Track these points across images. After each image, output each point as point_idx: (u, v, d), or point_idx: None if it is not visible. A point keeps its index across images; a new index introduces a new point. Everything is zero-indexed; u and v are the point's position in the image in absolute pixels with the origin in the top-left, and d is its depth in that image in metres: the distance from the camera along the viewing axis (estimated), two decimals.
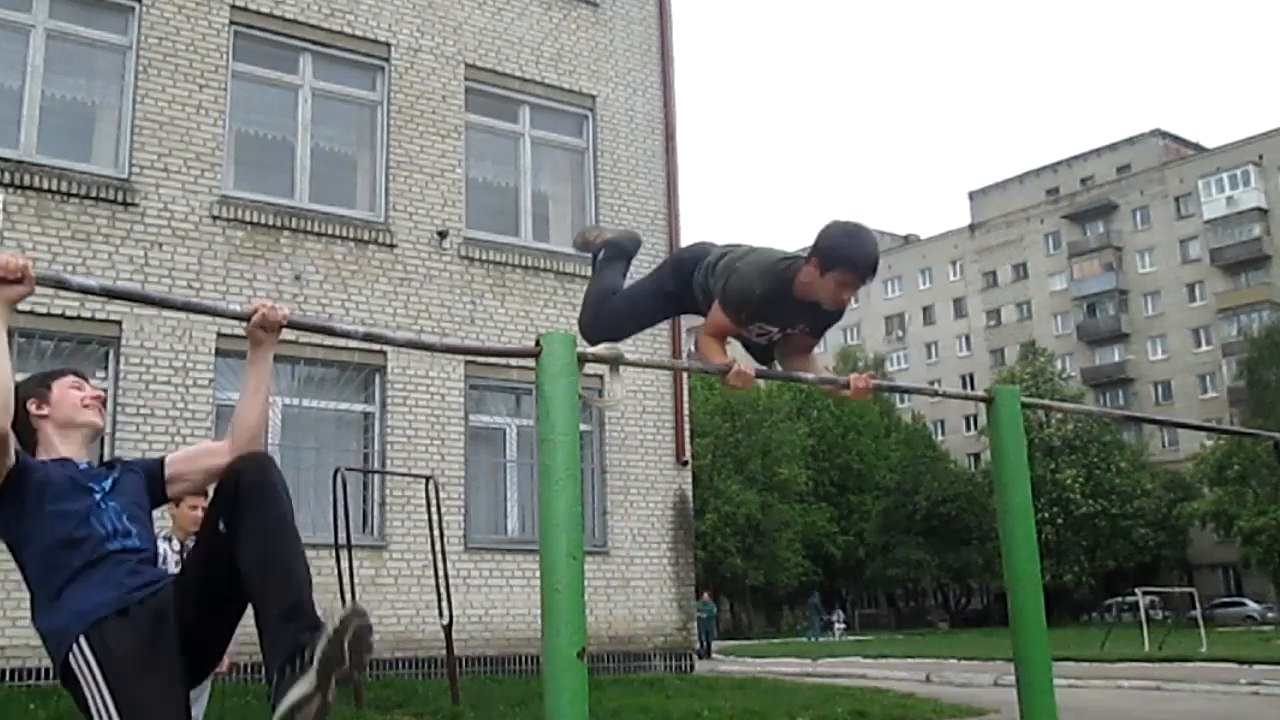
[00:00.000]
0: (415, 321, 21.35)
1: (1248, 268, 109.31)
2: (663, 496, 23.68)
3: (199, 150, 20.02)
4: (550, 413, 5.29)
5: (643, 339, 23.20)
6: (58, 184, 18.68)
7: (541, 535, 5.23)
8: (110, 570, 4.63)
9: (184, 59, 20.21)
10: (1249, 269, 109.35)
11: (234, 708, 15.14)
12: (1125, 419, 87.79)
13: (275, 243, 20.47)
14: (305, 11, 21.54)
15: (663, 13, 26.01)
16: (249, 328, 5.07)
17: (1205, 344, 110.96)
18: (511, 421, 22.79)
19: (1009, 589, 6.94)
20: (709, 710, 16.96)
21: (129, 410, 18.66)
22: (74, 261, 18.44)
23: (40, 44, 19.38)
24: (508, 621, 21.17)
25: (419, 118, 22.39)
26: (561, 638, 5.02)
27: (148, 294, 4.80)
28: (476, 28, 23.39)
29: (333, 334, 5.90)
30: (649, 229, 24.40)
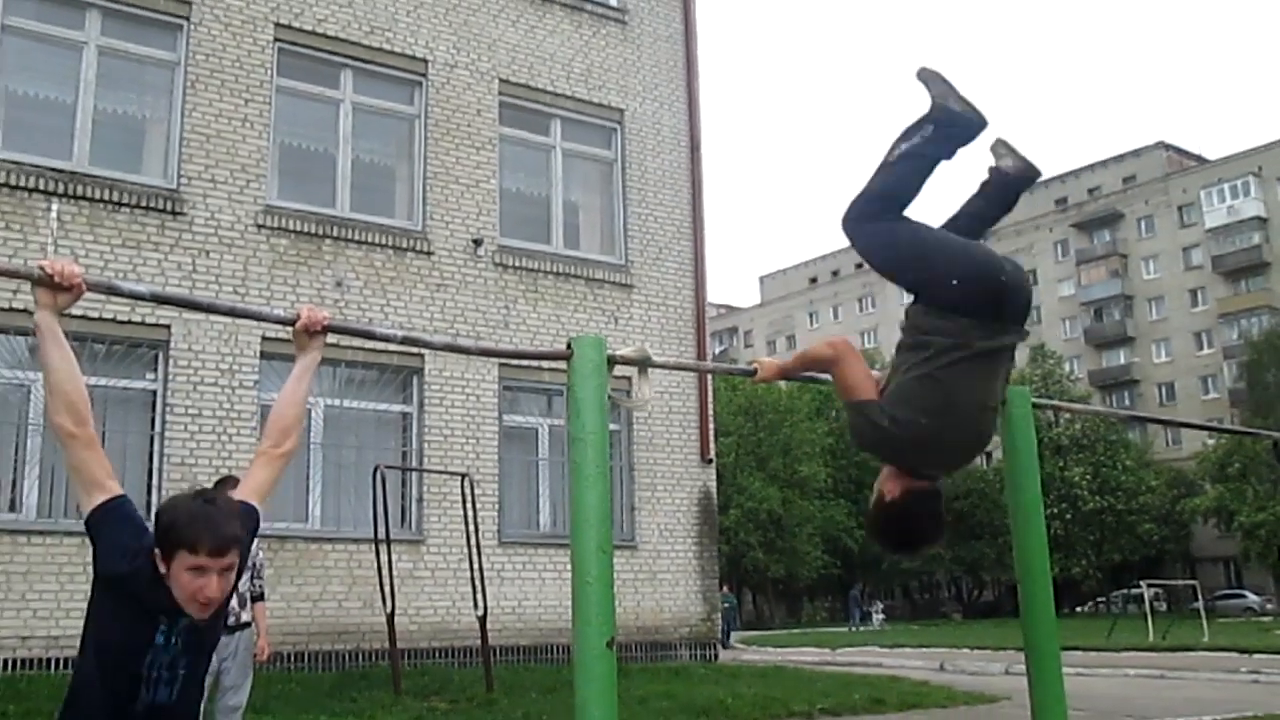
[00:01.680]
0: (451, 326, 21.30)
1: (1248, 274, 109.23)
2: (688, 493, 23.61)
3: (244, 162, 19.99)
4: (581, 412, 5.25)
5: (669, 341, 23.21)
6: (109, 194, 18.66)
7: (572, 530, 5.20)
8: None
9: (230, 74, 20.19)
10: (1249, 275, 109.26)
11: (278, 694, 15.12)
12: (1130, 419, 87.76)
13: (317, 250, 20.43)
14: (346, 29, 21.51)
15: (688, 30, 25.91)
16: (293, 332, 5.04)
17: (1207, 347, 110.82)
18: (543, 421, 22.73)
19: (1020, 581, 6.91)
20: (732, 697, 16.90)
21: (177, 411, 18.61)
22: (125, 268, 18.40)
23: (92, 60, 19.36)
24: (540, 612, 21.12)
25: (455, 131, 22.33)
26: (591, 628, 5.00)
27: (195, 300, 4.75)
28: (510, 45, 23.34)
29: (372, 338, 5.85)
30: (675, 237, 24.39)
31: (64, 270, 4.31)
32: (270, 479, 4.89)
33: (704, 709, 15.81)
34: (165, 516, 4.32)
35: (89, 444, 4.37)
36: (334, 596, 19.19)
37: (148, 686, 4.33)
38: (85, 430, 4.35)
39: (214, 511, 4.34)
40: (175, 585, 4.25)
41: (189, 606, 4.29)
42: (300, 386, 5.10)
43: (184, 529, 4.24)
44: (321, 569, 19.06)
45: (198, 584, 4.23)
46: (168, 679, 4.37)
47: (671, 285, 24.27)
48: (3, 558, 16.90)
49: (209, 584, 4.25)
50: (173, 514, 4.31)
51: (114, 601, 4.31)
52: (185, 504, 4.36)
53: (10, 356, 17.81)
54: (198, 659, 4.51)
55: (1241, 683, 24.43)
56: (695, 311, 24.47)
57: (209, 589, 4.25)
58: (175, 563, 4.23)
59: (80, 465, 4.38)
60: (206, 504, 4.37)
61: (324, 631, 18.92)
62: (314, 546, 19.19)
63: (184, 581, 4.23)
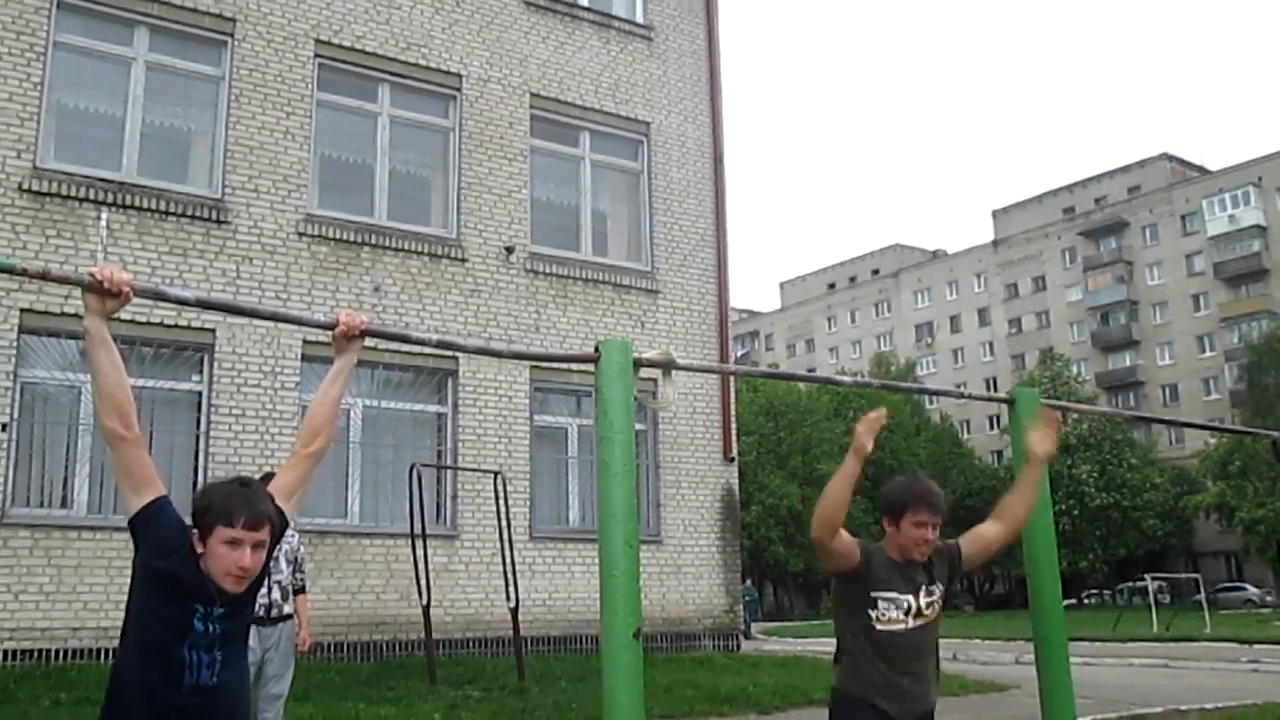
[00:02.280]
0: (484, 330, 21.26)
1: (1248, 280, 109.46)
2: (711, 490, 23.53)
3: (286, 172, 19.96)
4: (608, 413, 5.33)
5: (692, 345, 23.15)
6: (157, 203, 18.64)
7: (600, 525, 5.28)
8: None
9: (273, 89, 20.17)
10: (1249, 281, 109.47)
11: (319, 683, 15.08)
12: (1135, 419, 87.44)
13: (356, 257, 20.40)
14: (384, 45, 21.49)
15: (711, 46, 25.86)
16: (333, 335, 5.14)
17: (1209, 350, 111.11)
18: (573, 421, 22.66)
19: (1029, 575, 6.98)
20: (754, 686, 16.85)
21: (221, 411, 18.60)
22: (172, 275, 18.39)
23: (141, 75, 19.34)
24: (569, 605, 21.06)
25: (488, 143, 22.28)
26: (619, 619, 5.07)
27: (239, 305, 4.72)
28: (541, 60, 23.30)
29: (409, 341, 5.82)
30: (698, 244, 24.35)
31: (113, 277, 4.35)
32: (298, 479, 5.02)
33: (727, 697, 15.76)
34: (204, 497, 4.55)
35: (136, 445, 4.47)
36: (372, 589, 19.16)
37: (190, 670, 4.44)
38: (133, 433, 4.45)
39: (248, 491, 4.57)
40: (212, 561, 4.44)
41: (225, 581, 4.46)
42: (334, 389, 5.23)
43: (221, 505, 4.46)
44: (360, 563, 19.03)
45: (234, 556, 4.44)
46: (208, 662, 4.49)
47: (695, 291, 24.20)
48: (54, 552, 16.90)
49: (243, 555, 4.45)
50: (210, 494, 4.56)
51: (155, 593, 4.44)
52: (222, 485, 4.62)
53: (62, 359, 17.79)
54: (234, 643, 4.65)
55: (1242, 672, 24.33)
56: (718, 316, 24.40)
57: (244, 559, 4.45)
58: (213, 538, 4.43)
59: (128, 466, 4.48)
60: (241, 485, 4.61)
61: (362, 623, 18.88)
62: (353, 541, 19.15)
63: (220, 554, 4.43)
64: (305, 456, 5.04)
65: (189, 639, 4.45)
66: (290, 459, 5.11)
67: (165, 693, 4.42)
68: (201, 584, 4.44)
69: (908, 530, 6.04)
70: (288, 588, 10.67)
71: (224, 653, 4.56)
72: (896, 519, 6.08)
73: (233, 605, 4.57)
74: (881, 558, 6.09)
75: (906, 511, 6.05)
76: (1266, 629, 43.20)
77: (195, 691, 4.46)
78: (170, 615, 4.43)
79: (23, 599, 16.57)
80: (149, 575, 4.44)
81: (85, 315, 4.42)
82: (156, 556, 4.42)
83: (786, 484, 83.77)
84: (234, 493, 4.53)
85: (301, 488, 5.03)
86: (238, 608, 4.61)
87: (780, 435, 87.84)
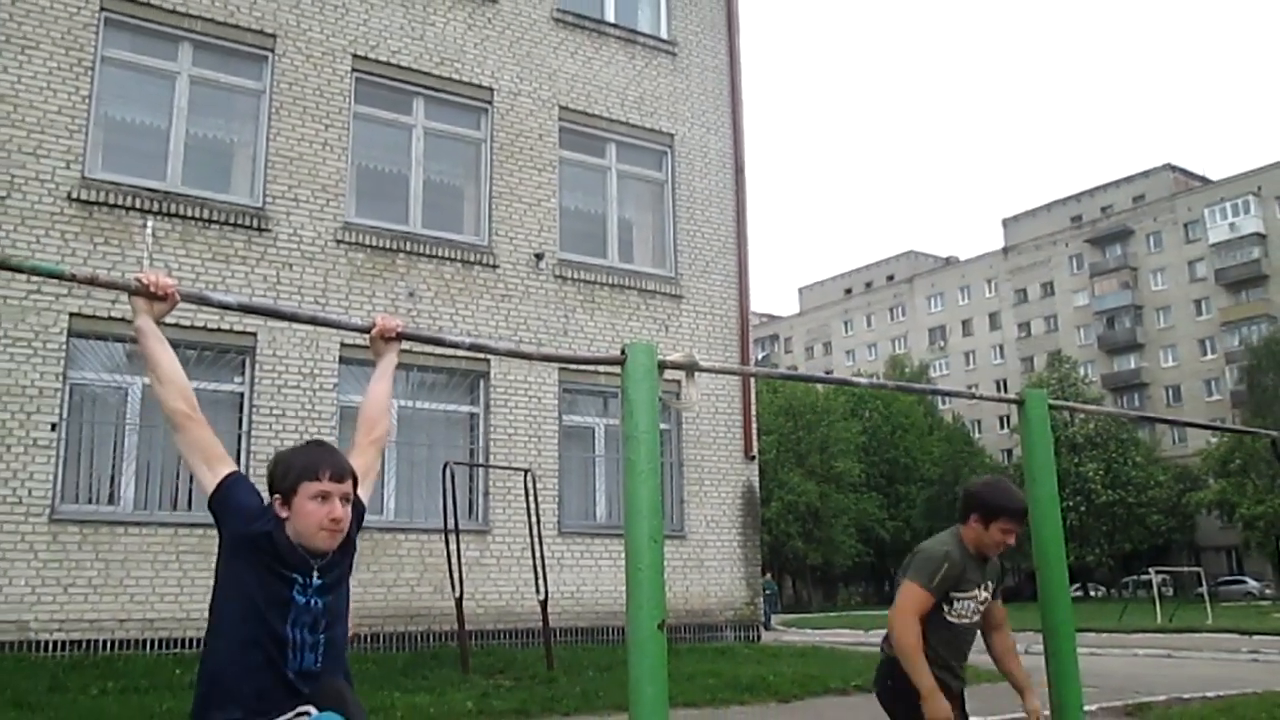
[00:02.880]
0: (515, 333, 21.19)
1: (1248, 286, 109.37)
2: (732, 487, 23.43)
3: (324, 182, 19.92)
4: (634, 413, 5.18)
5: (715, 348, 23.07)
6: (200, 212, 18.60)
7: (626, 521, 5.08)
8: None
9: (311, 102, 20.13)
10: (1249, 287, 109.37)
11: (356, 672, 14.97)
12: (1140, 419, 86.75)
13: (392, 264, 20.33)
14: (419, 60, 21.43)
15: (732, 60, 25.77)
16: (369, 338, 5.11)
17: (1210, 353, 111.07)
18: (599, 421, 22.57)
19: (1038, 568, 6.87)
20: (774, 675, 16.75)
21: (263, 411, 18.56)
22: (215, 280, 18.35)
23: (185, 88, 19.29)
24: (596, 597, 20.98)
25: (518, 154, 22.21)
26: (644, 611, 4.93)
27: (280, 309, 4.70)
28: (569, 74, 23.23)
29: (442, 344, 5.71)
30: (720, 251, 24.29)
31: (159, 282, 4.37)
32: (365, 465, 4.84)
33: (747, 686, 15.66)
34: (280, 463, 4.43)
35: (203, 425, 4.42)
36: (407, 582, 19.09)
37: (294, 651, 4.25)
38: (198, 413, 4.42)
39: (325, 447, 4.50)
40: (301, 520, 4.29)
41: (318, 537, 4.29)
42: (382, 384, 5.18)
43: (304, 463, 4.35)
44: (395, 557, 18.96)
45: (324, 509, 4.29)
46: (311, 643, 4.30)
47: (718, 296, 24.10)
48: (102, 546, 16.87)
49: (334, 507, 4.31)
50: (288, 457, 4.45)
51: (249, 565, 4.25)
52: (296, 448, 4.51)
53: (109, 361, 17.74)
54: (336, 623, 4.42)
55: (1242, 662, 24.23)
56: (739, 320, 24.30)
57: (335, 510, 4.31)
58: (298, 497, 4.29)
59: (199, 444, 4.40)
60: (317, 444, 4.53)
61: (397, 615, 18.81)
62: (388, 536, 19.08)
63: (310, 510, 4.28)
64: (369, 444, 4.96)
65: (291, 614, 4.26)
66: (354, 450, 4.91)
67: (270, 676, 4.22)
68: (294, 551, 4.28)
69: (995, 534, 6.33)
70: None
71: (326, 635, 4.37)
72: (988, 521, 6.31)
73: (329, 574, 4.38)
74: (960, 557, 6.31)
75: (1000, 518, 6.31)
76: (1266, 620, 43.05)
77: (300, 676, 4.26)
78: (269, 587, 4.23)
79: (71, 592, 16.55)
80: (242, 544, 4.26)
81: (135, 317, 4.40)
82: (246, 522, 4.28)
83: (805, 481, 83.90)
84: (312, 450, 4.46)
85: (371, 475, 4.90)
86: (335, 579, 4.42)
87: (799, 434, 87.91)
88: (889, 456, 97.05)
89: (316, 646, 4.31)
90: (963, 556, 6.32)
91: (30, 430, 16.66)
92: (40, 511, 16.54)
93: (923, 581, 6.20)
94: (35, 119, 17.59)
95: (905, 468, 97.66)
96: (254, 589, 4.21)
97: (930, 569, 6.23)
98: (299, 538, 4.28)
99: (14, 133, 17.38)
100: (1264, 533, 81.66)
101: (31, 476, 16.57)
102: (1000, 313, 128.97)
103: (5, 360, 16.62)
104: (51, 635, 16.28)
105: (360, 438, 4.98)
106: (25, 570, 16.30)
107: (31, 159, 17.43)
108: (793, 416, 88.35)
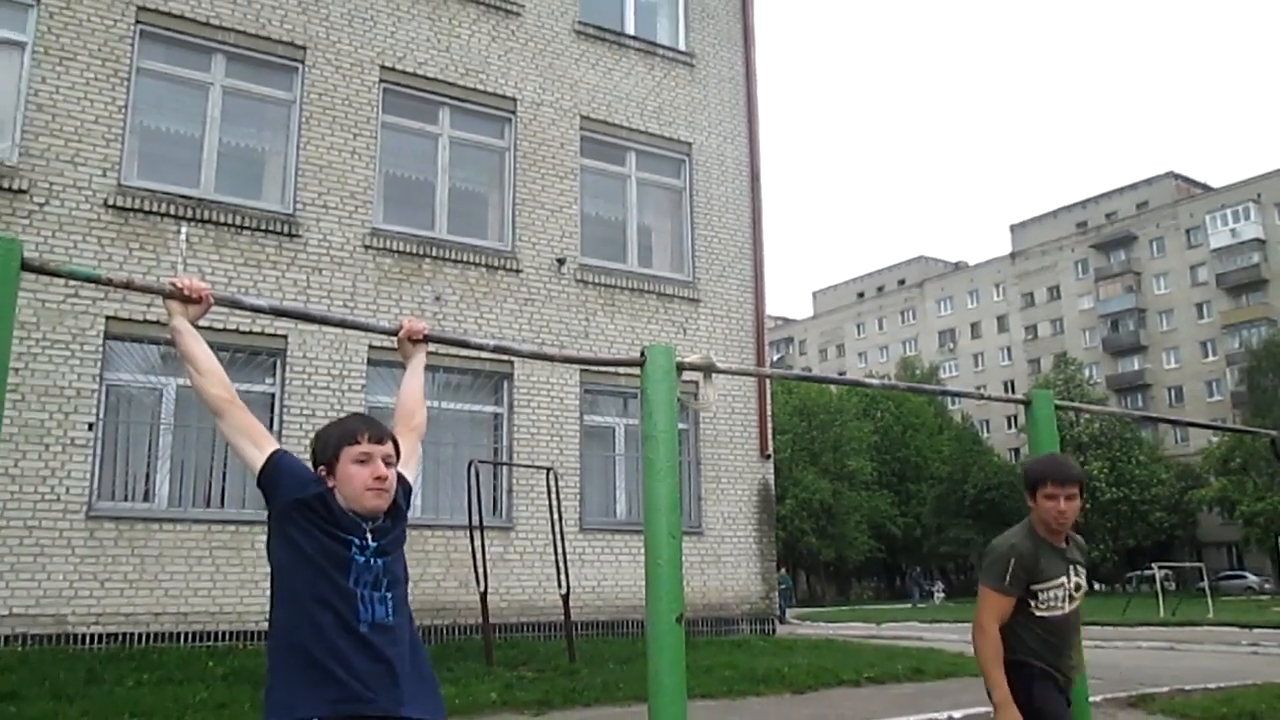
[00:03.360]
0: (538, 335, 21.16)
1: (1248, 290, 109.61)
2: (748, 485, 23.38)
3: (353, 189, 19.91)
4: (653, 413, 5.35)
5: (731, 350, 23.02)
6: (233, 218, 18.60)
7: (645, 518, 5.29)
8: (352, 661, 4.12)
9: (340, 112, 20.12)
10: (1249, 291, 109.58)
11: None
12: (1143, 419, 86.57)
13: (418, 269, 20.32)
14: (444, 71, 21.43)
15: (748, 71, 25.73)
16: (397, 340, 5.17)
17: (1212, 355, 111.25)
18: (620, 421, 22.53)
19: None
20: (788, 667, 16.68)
21: (293, 411, 18.55)
22: (247, 284, 18.35)
23: (218, 99, 19.29)
24: (616, 591, 20.95)
25: (541, 162, 22.20)
26: (663, 605, 5.09)
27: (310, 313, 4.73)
28: (590, 85, 23.21)
29: (467, 346, 5.74)
30: (737, 256, 24.25)
31: (193, 286, 4.47)
32: (408, 449, 4.77)
33: (763, 677, 15.59)
34: (321, 437, 4.41)
35: (244, 408, 4.44)
36: (433, 577, 19.06)
37: (364, 603, 4.14)
38: (238, 399, 4.45)
39: (364, 415, 4.53)
40: (346, 485, 4.25)
41: (365, 498, 4.23)
42: (414, 380, 5.16)
43: (342, 430, 4.35)
44: (422, 553, 18.92)
45: (368, 469, 4.25)
46: (379, 598, 4.20)
47: (734, 299, 24.05)
48: (137, 542, 16.87)
49: (377, 466, 4.26)
50: (328, 429, 4.43)
51: (305, 530, 4.17)
52: (335, 421, 4.50)
53: (144, 363, 17.73)
54: (398, 584, 4.31)
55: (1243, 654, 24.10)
56: (755, 323, 24.26)
57: (379, 468, 4.26)
58: (341, 463, 4.26)
59: (243, 426, 4.40)
60: (355, 415, 4.56)
61: (424, 608, 18.78)
62: (415, 533, 19.04)
63: (353, 473, 4.25)
64: (409, 430, 4.90)
65: (353, 572, 4.15)
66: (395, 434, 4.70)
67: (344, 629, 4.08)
68: (347, 514, 4.22)
69: (1042, 504, 6.04)
70: None
71: (392, 592, 4.25)
72: (1033, 495, 6.10)
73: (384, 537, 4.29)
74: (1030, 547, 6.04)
75: (1039, 487, 6.07)
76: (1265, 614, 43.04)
77: (374, 628, 4.13)
78: (329, 549, 4.14)
79: (108, 586, 16.54)
80: (297, 510, 4.18)
81: (170, 319, 4.46)
82: (301, 487, 4.22)
83: (819, 479, 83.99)
84: (350, 419, 4.45)
85: (413, 459, 4.83)
86: (391, 541, 4.32)
87: (813, 434, 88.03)
88: (900, 455, 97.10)
89: (385, 601, 4.20)
90: (1034, 545, 6.03)
91: (68, 430, 16.68)
92: (78, 508, 16.55)
93: (994, 583, 5.99)
94: (73, 128, 17.61)
95: (916, 466, 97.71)
96: (313, 551, 4.14)
97: (999, 568, 5.99)
98: (348, 502, 4.23)
99: (53, 141, 17.41)
100: (1263, 529, 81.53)
101: (69, 474, 16.59)
102: (1008, 316, 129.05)
103: (44, 362, 16.64)
104: (88, 628, 16.29)
105: (400, 427, 4.90)
106: (63, 565, 16.32)
107: (69, 167, 17.46)
108: (807, 416, 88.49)
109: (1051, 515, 6.01)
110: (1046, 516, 6.03)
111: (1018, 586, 5.95)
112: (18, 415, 16.24)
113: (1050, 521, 6.02)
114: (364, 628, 4.10)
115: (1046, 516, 6.03)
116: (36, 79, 17.55)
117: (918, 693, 15.16)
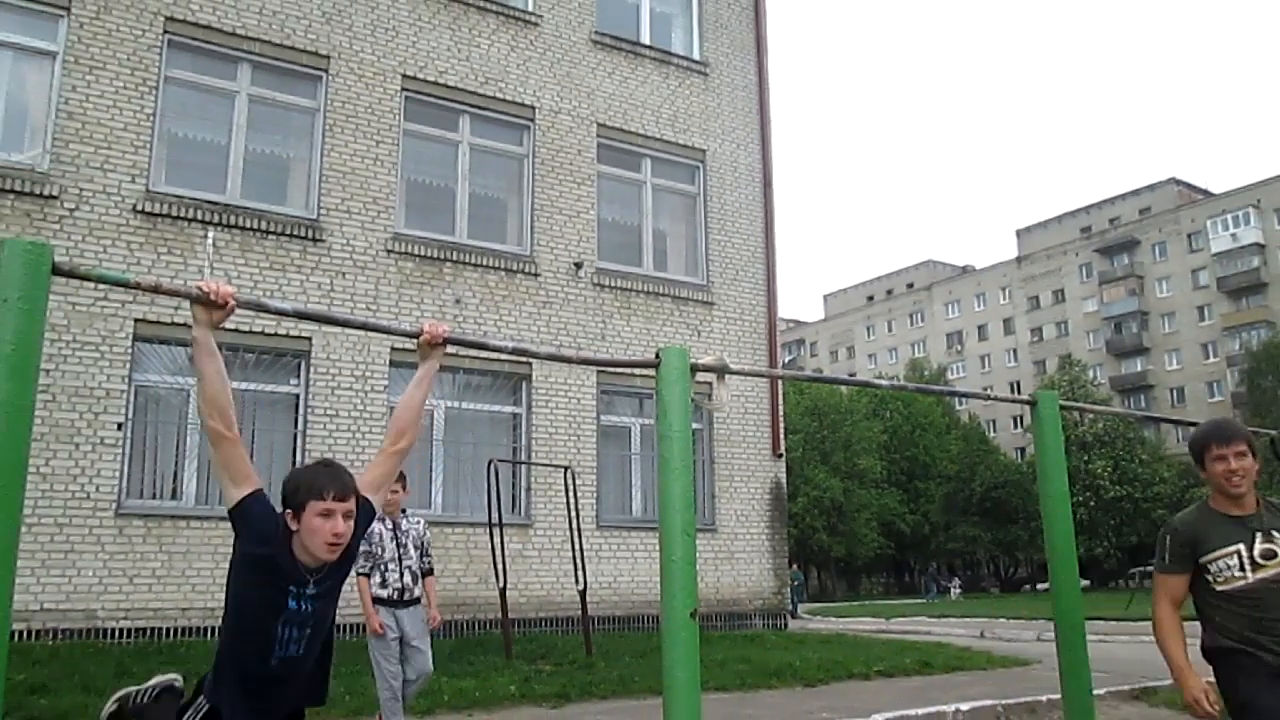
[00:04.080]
0: (555, 338, 21.14)
1: (1248, 293, 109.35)
2: (761, 483, 23.36)
3: (375, 195, 19.91)
4: (668, 413, 5.29)
5: (744, 351, 23.00)
6: (258, 223, 18.62)
7: (660, 515, 5.26)
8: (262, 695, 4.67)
9: (363, 119, 20.12)
10: (1249, 294, 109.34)
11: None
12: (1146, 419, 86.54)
13: (439, 272, 20.32)
14: (464, 80, 21.42)
15: (761, 80, 25.70)
16: (418, 343, 5.18)
17: (1213, 356, 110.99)
18: (635, 421, 22.51)
19: (1049, 560, 6.95)
20: (800, 661, 16.70)
21: (317, 412, 18.56)
22: (272, 288, 18.36)
23: (244, 107, 19.32)
24: (632, 587, 20.94)
25: (559, 168, 22.19)
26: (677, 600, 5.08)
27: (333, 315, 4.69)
28: (607, 93, 23.19)
29: (487, 348, 5.68)
30: (749, 260, 24.22)
31: (219, 290, 4.42)
32: (384, 474, 5.08)
33: (775, 671, 15.59)
34: (292, 481, 4.61)
35: (235, 444, 4.53)
36: (454, 573, 19.05)
37: (279, 645, 4.53)
38: (233, 432, 4.52)
39: (332, 468, 4.65)
40: (307, 535, 4.50)
41: (321, 551, 4.52)
42: (418, 393, 5.25)
43: (310, 483, 4.54)
44: (443, 549, 18.90)
45: (329, 525, 4.49)
46: (297, 637, 4.57)
47: (747, 302, 24.02)
48: (166, 539, 16.89)
49: (337, 523, 4.51)
50: (298, 477, 4.63)
51: (253, 575, 4.50)
52: (308, 468, 4.72)
53: (172, 364, 17.75)
54: (323, 622, 4.69)
55: None
56: (767, 325, 24.22)
57: (338, 526, 4.51)
58: (306, 513, 4.49)
59: (229, 462, 4.53)
60: (325, 465, 4.68)
61: (444, 604, 18.67)
62: (436, 530, 18.99)
63: (315, 526, 4.49)
64: (392, 454, 5.10)
65: (283, 616, 4.51)
66: (378, 456, 5.16)
67: (256, 665, 4.51)
68: (294, 566, 4.52)
69: (1212, 468, 5.81)
70: (417, 571, 10.46)
71: (313, 629, 4.62)
72: (1201, 463, 5.88)
73: (325, 582, 4.63)
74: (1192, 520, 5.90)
75: (1205, 453, 5.85)
76: None
77: (283, 663, 4.56)
78: (267, 596, 4.49)
79: (136, 582, 16.58)
80: (249, 561, 4.49)
81: (194, 325, 4.46)
82: (256, 543, 4.47)
83: (829, 478, 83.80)
84: (320, 471, 4.62)
85: (387, 482, 5.11)
86: (329, 586, 4.67)
87: (824, 433, 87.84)
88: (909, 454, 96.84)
89: (302, 640, 4.60)
90: (1197, 518, 5.88)
91: (98, 430, 16.70)
92: (107, 506, 16.58)
93: (1158, 566, 5.95)
94: (103, 135, 17.64)
95: (924, 465, 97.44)
96: (253, 595, 4.50)
97: (1159, 548, 5.92)
98: (305, 549, 4.54)
99: (82, 148, 17.43)
100: None
101: (99, 473, 16.61)
102: (1014, 318, 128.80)
103: (74, 363, 16.67)
104: (118, 623, 16.33)
105: (387, 445, 5.14)
106: (93, 562, 16.36)
107: (99, 173, 17.48)
108: (818, 416, 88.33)
109: (1223, 477, 5.77)
110: (1219, 480, 5.80)
111: (1179, 563, 5.84)
112: (49, 415, 16.28)
113: (1224, 484, 5.79)
114: (274, 661, 4.55)
115: (1219, 480, 5.80)
116: (67, 87, 17.59)
117: (925, 685, 15.15)
